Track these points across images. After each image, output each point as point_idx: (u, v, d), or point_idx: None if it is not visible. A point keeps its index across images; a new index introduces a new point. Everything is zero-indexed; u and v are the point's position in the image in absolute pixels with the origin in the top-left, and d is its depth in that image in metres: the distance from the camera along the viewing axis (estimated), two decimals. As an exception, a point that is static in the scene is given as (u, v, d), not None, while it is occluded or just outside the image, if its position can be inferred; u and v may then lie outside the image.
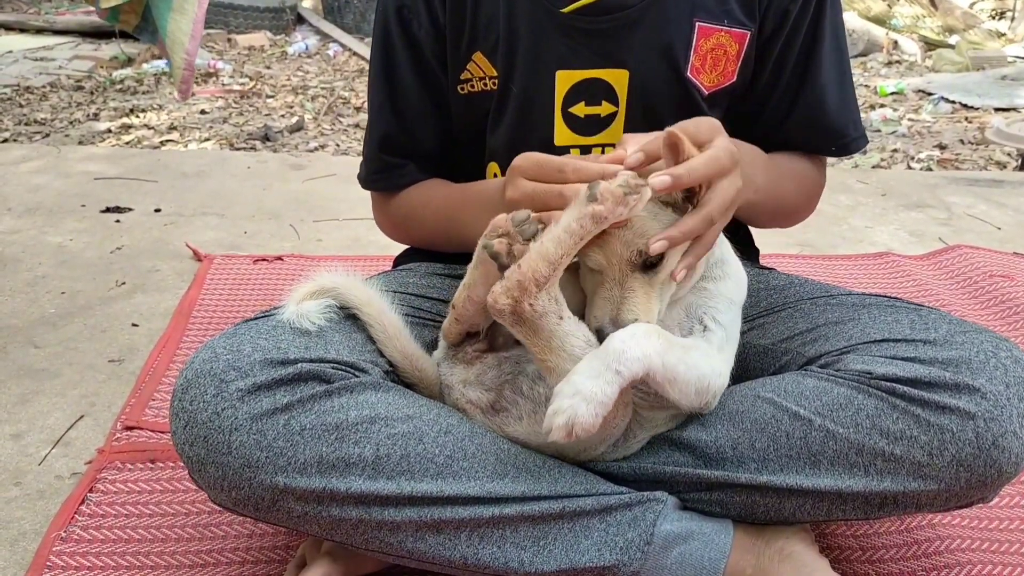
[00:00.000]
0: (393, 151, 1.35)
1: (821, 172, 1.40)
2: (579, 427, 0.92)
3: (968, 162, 3.75)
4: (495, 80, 1.27)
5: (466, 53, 1.28)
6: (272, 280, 2.19)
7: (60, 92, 4.66)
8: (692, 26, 1.24)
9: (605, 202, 0.91)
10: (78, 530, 1.30)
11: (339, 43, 6.22)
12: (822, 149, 1.37)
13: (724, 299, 1.09)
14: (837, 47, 1.31)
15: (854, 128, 1.35)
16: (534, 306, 0.94)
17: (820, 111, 1.32)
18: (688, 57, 1.24)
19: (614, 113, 1.26)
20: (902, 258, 2.39)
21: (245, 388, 1.01)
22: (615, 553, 1.06)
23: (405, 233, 1.44)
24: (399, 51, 1.31)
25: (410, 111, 1.33)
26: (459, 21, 1.27)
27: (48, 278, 2.20)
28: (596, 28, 1.23)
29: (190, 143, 3.86)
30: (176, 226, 2.58)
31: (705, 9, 1.24)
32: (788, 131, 1.33)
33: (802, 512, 1.08)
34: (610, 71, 1.25)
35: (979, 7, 7.17)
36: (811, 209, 1.42)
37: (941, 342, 1.07)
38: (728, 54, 1.26)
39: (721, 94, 1.29)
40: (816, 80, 1.30)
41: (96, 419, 1.60)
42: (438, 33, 1.29)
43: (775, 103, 1.32)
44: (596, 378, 0.93)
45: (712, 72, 1.26)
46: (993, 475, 1.02)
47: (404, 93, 1.33)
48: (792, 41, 1.28)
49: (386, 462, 1.02)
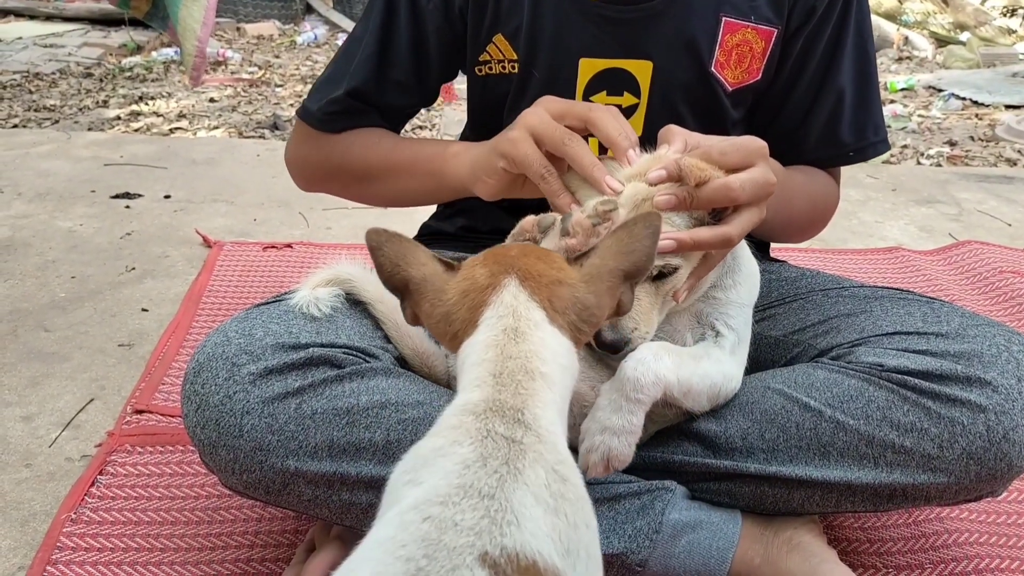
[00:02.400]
0: (363, 101, 1.32)
1: (836, 187, 1.37)
2: (616, 460, 0.98)
3: (978, 159, 3.73)
4: (515, 64, 1.27)
5: (487, 35, 1.27)
6: (281, 268, 2.19)
7: (69, 79, 4.66)
8: (718, 20, 1.22)
9: (576, 235, 0.92)
10: (88, 512, 1.30)
11: (347, 33, 6.21)
12: (839, 157, 1.34)
13: (735, 305, 1.09)
14: (861, 48, 1.29)
15: (874, 132, 1.32)
16: None
17: (838, 112, 1.29)
18: (713, 51, 1.23)
19: (635, 105, 1.25)
20: (912, 253, 2.38)
21: (257, 372, 1.02)
22: (623, 541, 1.07)
23: (322, 175, 1.39)
24: (402, 18, 1.28)
25: (394, 76, 1.30)
26: (482, 3, 1.26)
27: (58, 263, 2.20)
28: (622, 17, 1.23)
29: (199, 131, 3.86)
30: (186, 213, 2.59)
31: (732, 4, 1.22)
32: (806, 133, 1.30)
33: (811, 503, 1.08)
34: (634, 62, 1.24)
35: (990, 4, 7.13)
36: (823, 226, 1.39)
37: (953, 335, 1.07)
38: (754, 51, 1.24)
39: (745, 91, 1.27)
40: (835, 81, 1.28)
41: (106, 402, 1.61)
42: (448, 15, 1.28)
43: (795, 103, 1.30)
44: (619, 411, 0.98)
45: (737, 68, 1.25)
46: (1003, 468, 1.02)
47: (394, 60, 1.30)
48: (816, 40, 1.26)
49: (396, 447, 1.02)
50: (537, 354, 0.78)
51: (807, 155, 1.31)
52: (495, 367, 0.77)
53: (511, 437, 0.71)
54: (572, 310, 0.81)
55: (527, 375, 0.76)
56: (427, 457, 0.71)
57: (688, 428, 1.10)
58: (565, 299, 0.81)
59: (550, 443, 0.72)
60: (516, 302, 0.80)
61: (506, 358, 0.77)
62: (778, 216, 1.21)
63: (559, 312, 0.81)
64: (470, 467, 0.68)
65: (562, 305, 0.81)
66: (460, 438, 0.71)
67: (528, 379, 0.76)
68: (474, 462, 0.68)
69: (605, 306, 0.83)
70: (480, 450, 0.69)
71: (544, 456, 0.71)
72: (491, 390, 0.75)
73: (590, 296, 0.82)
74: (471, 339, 0.81)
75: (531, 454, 0.70)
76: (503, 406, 0.73)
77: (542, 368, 0.77)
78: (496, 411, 0.73)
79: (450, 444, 0.71)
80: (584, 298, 0.82)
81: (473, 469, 0.68)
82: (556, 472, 0.70)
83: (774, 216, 1.20)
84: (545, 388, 0.77)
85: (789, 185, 1.22)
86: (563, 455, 0.73)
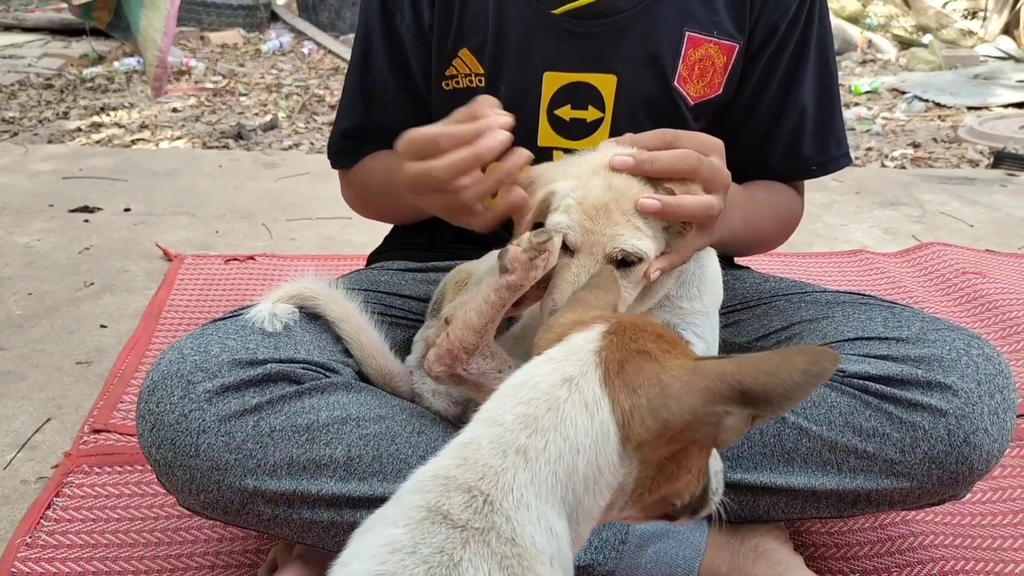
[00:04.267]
0: (359, 138, 1.35)
1: (800, 200, 1.38)
2: None
3: (941, 160, 3.78)
4: (481, 77, 1.26)
5: (452, 49, 1.26)
6: (244, 280, 2.17)
7: (29, 90, 4.59)
8: (682, 35, 1.22)
9: (515, 271, 0.91)
10: (44, 535, 1.27)
11: (314, 41, 6.18)
12: (802, 171, 1.35)
13: (701, 314, 1.09)
14: (823, 64, 1.30)
15: (836, 147, 1.33)
16: (468, 370, 0.97)
17: (801, 128, 1.30)
18: (676, 66, 1.23)
19: (600, 119, 1.25)
20: (876, 256, 2.40)
21: (213, 389, 0.99)
22: (590, 553, 1.06)
23: (364, 205, 1.43)
24: (378, 43, 1.30)
25: (380, 103, 1.32)
26: (447, 17, 1.25)
27: (14, 279, 2.16)
28: (586, 32, 1.22)
29: (161, 142, 3.81)
30: (146, 226, 2.55)
31: (695, 19, 1.22)
32: (770, 148, 1.31)
33: (776, 510, 1.08)
34: (598, 75, 1.23)
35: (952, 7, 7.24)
36: (787, 237, 1.40)
37: (914, 340, 1.08)
38: (716, 65, 1.25)
39: (707, 105, 1.27)
40: (798, 97, 1.29)
41: (63, 422, 1.58)
42: (420, 31, 1.28)
43: (758, 119, 1.30)
44: None
45: (699, 83, 1.25)
46: (965, 472, 1.02)
47: (378, 86, 1.32)
48: (778, 57, 1.27)
49: (358, 463, 1.00)
50: (571, 419, 0.61)
51: (771, 169, 1.32)
52: (522, 409, 0.62)
53: (458, 521, 0.59)
54: (646, 391, 0.62)
55: (536, 434, 0.61)
56: (368, 527, 0.62)
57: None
58: (646, 374, 0.63)
59: (519, 534, 0.59)
60: (587, 344, 0.65)
61: (534, 408, 0.62)
62: (745, 233, 1.21)
63: (627, 386, 0.62)
64: (396, 553, 0.58)
65: (637, 380, 0.63)
66: (396, 515, 0.60)
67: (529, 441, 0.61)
68: (403, 547, 0.58)
69: (688, 410, 0.61)
70: (413, 534, 0.59)
71: (494, 550, 0.58)
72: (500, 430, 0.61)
73: (677, 384, 0.62)
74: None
75: (475, 545, 0.58)
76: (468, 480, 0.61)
77: (573, 437, 0.61)
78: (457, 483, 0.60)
79: (386, 522, 0.60)
80: (669, 383, 0.62)
81: (399, 556, 0.58)
82: (506, 571, 0.58)
83: (740, 236, 1.20)
84: (542, 464, 0.61)
85: (752, 204, 1.22)
86: (526, 549, 0.59)
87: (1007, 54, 5.83)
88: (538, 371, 0.65)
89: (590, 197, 0.93)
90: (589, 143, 1.23)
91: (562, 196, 0.95)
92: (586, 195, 0.94)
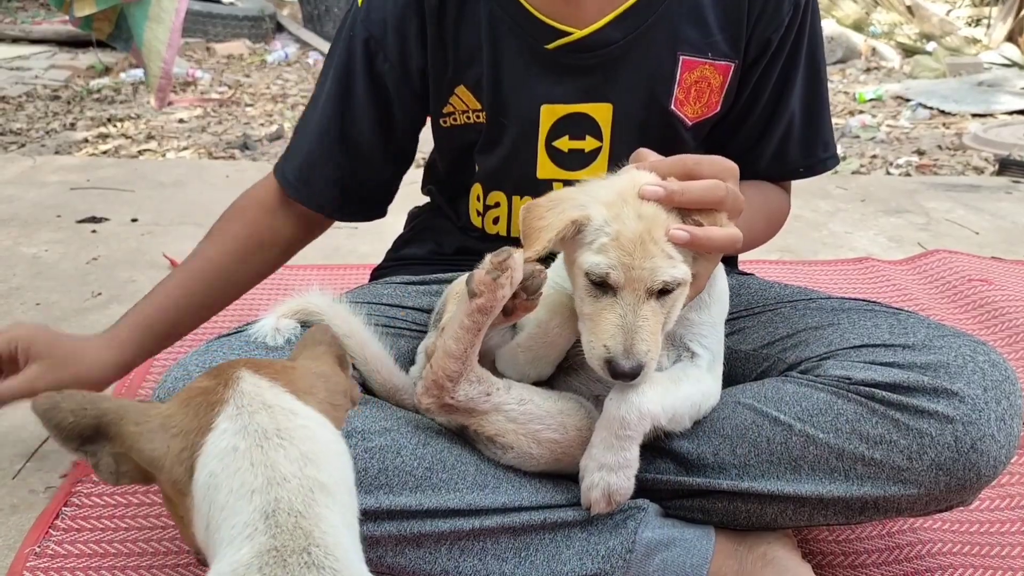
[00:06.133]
0: (320, 172, 1.34)
1: (787, 197, 1.40)
2: (617, 495, 1.01)
3: (946, 167, 3.78)
4: (479, 113, 1.27)
5: (448, 87, 1.27)
6: (250, 291, 2.16)
7: (36, 102, 4.61)
8: (676, 60, 1.23)
9: (483, 294, 0.93)
10: (53, 545, 1.28)
11: (319, 51, 6.21)
12: (790, 174, 1.37)
13: (708, 325, 1.09)
14: (813, 71, 1.31)
15: (823, 150, 1.35)
16: (456, 397, 0.99)
17: (789, 134, 1.32)
18: (672, 91, 1.24)
19: (598, 149, 1.26)
20: (882, 263, 2.40)
21: (219, 403, 1.00)
22: (597, 562, 1.06)
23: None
24: (359, 81, 1.29)
25: (354, 139, 1.31)
26: (441, 57, 1.26)
27: (22, 289, 2.17)
28: (581, 64, 1.23)
29: (168, 152, 3.83)
30: (153, 236, 2.56)
31: (689, 43, 1.23)
32: (759, 154, 1.33)
33: (783, 518, 1.08)
34: (594, 105, 1.24)
35: (955, 14, 7.25)
36: (774, 236, 1.42)
37: (920, 347, 1.08)
38: (712, 86, 1.26)
39: (704, 124, 1.29)
40: (788, 106, 1.30)
41: (71, 432, 1.58)
42: (405, 72, 1.28)
43: (749, 128, 1.32)
44: (611, 449, 0.99)
45: (696, 104, 1.26)
46: (972, 478, 1.02)
47: (355, 122, 1.31)
48: (771, 69, 1.28)
49: (363, 476, 1.01)
50: (310, 457, 0.60)
51: (759, 173, 1.34)
52: (263, 499, 0.58)
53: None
54: (320, 386, 0.68)
55: (307, 495, 0.58)
56: None
57: (660, 446, 1.10)
58: (307, 377, 0.67)
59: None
60: (259, 390, 0.64)
61: (273, 476, 0.59)
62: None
63: (309, 392, 0.65)
64: None
65: (306, 384, 0.66)
66: None
67: (309, 501, 0.58)
68: None
69: (340, 374, 0.73)
70: None
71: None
72: (266, 538, 0.57)
73: (324, 367, 0.70)
74: (204, 454, 0.61)
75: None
76: (284, 553, 0.56)
77: (320, 476, 0.60)
78: (278, 563, 0.56)
79: None
80: (321, 369, 0.69)
81: None
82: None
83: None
84: (331, 503, 0.59)
85: (748, 209, 1.22)
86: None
87: (1011, 61, 5.83)
88: (256, 432, 0.66)
89: (626, 232, 0.93)
90: (588, 173, 1.24)
91: (595, 230, 0.94)
92: (622, 229, 0.93)
